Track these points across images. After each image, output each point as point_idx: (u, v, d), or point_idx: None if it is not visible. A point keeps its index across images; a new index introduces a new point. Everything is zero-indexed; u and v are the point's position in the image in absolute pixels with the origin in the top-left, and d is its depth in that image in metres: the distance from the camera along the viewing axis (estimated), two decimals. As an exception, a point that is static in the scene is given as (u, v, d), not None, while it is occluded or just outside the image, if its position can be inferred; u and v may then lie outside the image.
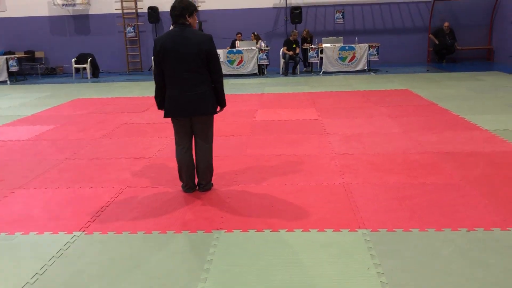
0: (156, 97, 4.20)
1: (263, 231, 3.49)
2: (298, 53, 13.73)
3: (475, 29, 15.07)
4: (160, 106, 4.22)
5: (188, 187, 4.33)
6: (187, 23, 4.00)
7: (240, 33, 14.11)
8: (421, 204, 3.87)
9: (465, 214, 3.65)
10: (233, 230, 3.52)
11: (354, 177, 4.60)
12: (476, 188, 4.20)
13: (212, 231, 3.53)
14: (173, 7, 3.98)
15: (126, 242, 3.40)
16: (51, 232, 3.60)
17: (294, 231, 3.47)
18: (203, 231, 3.53)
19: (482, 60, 15.33)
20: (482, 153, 5.26)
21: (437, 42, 14.75)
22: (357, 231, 3.44)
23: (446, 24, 14.61)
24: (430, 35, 15.01)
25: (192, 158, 4.27)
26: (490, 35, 15.13)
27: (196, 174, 4.34)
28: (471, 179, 4.43)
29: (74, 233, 3.57)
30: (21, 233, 3.61)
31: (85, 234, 3.55)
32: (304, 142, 6.02)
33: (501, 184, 4.28)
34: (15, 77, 14.23)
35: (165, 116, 4.12)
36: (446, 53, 14.88)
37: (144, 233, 3.54)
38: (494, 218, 3.58)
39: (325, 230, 3.47)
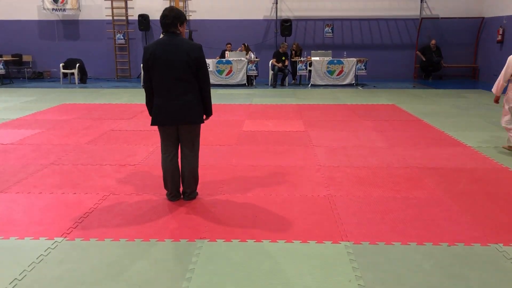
0: (147, 103, 4.21)
1: (247, 241, 3.48)
2: (287, 66, 13.83)
3: (461, 47, 15.34)
4: (151, 112, 4.23)
5: (173, 195, 4.32)
6: (178, 32, 4.03)
7: (230, 44, 14.17)
8: (403, 218, 3.91)
9: (447, 229, 3.70)
10: (216, 240, 3.51)
11: (339, 190, 4.63)
12: (458, 204, 4.25)
13: (195, 240, 3.51)
14: (164, 16, 4.00)
15: (107, 249, 3.37)
16: (32, 237, 3.55)
17: (277, 242, 3.48)
18: (186, 240, 3.52)
19: (467, 78, 15.59)
20: (465, 169, 5.33)
21: (423, 59, 14.97)
22: (340, 243, 3.46)
23: (433, 41, 14.85)
24: (417, 52, 15.24)
25: (178, 166, 4.27)
26: (475, 54, 15.40)
27: (181, 183, 4.33)
28: (453, 195, 4.49)
29: (56, 239, 3.53)
30: (1, 237, 3.56)
31: (67, 240, 3.52)
32: (290, 153, 6.05)
33: (482, 200, 4.35)
34: (1, 80, 14.08)
35: (152, 123, 4.12)
36: (432, 70, 15.10)
37: (127, 240, 3.51)
38: (475, 233, 3.63)
39: (308, 241, 3.48)
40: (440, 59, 14.86)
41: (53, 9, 15.42)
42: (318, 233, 3.62)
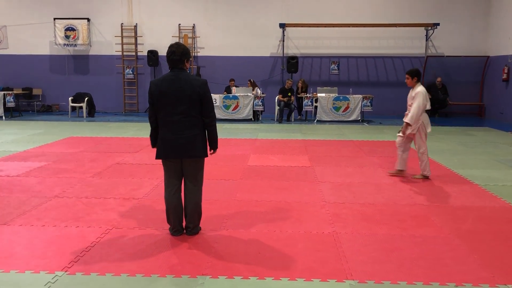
0: (150, 135, 4.25)
1: (249, 279, 3.42)
2: (292, 101, 13.95)
3: (466, 85, 15.43)
4: (153, 145, 4.25)
5: (176, 230, 4.28)
6: (184, 67, 4.11)
7: (233, 80, 14.37)
8: (409, 257, 3.84)
9: (454, 268, 3.62)
10: (219, 276, 3.45)
11: (344, 227, 4.57)
12: (465, 242, 4.17)
13: (197, 276, 3.46)
14: (172, 52, 4.07)
15: (108, 284, 3.32)
16: (33, 271, 3.51)
17: (280, 279, 3.41)
18: (188, 275, 3.46)
19: (473, 115, 15.61)
20: (472, 208, 5.26)
21: (429, 96, 15.02)
22: (344, 282, 3.39)
23: (438, 79, 14.96)
24: (423, 89, 15.32)
25: (181, 200, 4.25)
26: (481, 92, 15.48)
27: (184, 217, 4.30)
28: (460, 233, 4.41)
29: (56, 273, 3.49)
30: (2, 271, 3.52)
31: (67, 274, 3.47)
32: (295, 189, 6.01)
33: (490, 239, 4.26)
34: (11, 112, 14.29)
35: (157, 157, 4.14)
36: (438, 107, 15.15)
37: (128, 275, 3.46)
38: (483, 273, 3.54)
39: (312, 279, 3.41)
40: (446, 97, 14.94)
41: (64, 44, 15.79)
42: (323, 271, 3.55)
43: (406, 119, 6.45)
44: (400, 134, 6.60)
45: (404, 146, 6.65)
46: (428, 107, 6.52)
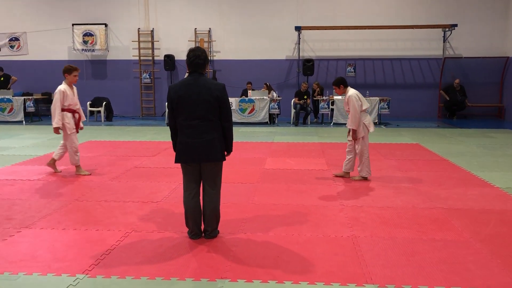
0: (172, 138, 4.30)
1: (268, 282, 3.42)
2: (308, 104, 13.92)
3: (485, 86, 15.22)
4: (175, 149, 4.28)
5: (194, 233, 4.30)
6: (204, 72, 4.15)
7: (250, 83, 14.40)
8: (430, 261, 3.79)
9: (476, 273, 3.56)
10: (238, 280, 3.46)
11: (362, 230, 4.54)
12: (487, 246, 4.11)
13: (216, 279, 3.47)
14: (197, 56, 4.09)
15: (129, 287, 3.35)
16: (54, 274, 3.56)
17: (299, 283, 3.40)
18: (207, 279, 3.48)
19: (493, 117, 15.39)
20: (493, 211, 5.18)
21: (447, 98, 14.88)
22: (364, 286, 3.36)
23: (456, 80, 14.79)
24: (441, 91, 15.17)
25: (199, 204, 4.27)
26: (501, 93, 15.25)
27: (202, 221, 4.32)
28: (482, 237, 4.35)
29: (77, 275, 3.53)
30: (24, 273, 3.58)
31: (88, 277, 3.51)
32: (312, 192, 5.99)
33: (512, 244, 4.19)
34: (31, 117, 14.53)
35: (176, 161, 4.17)
36: (456, 109, 14.98)
37: (148, 278, 3.49)
38: (506, 278, 3.48)
39: (331, 284, 3.40)
40: (464, 98, 14.76)
41: (82, 49, 16.02)
42: (342, 275, 3.53)
43: (349, 125, 6.54)
44: (350, 138, 6.67)
45: (353, 150, 6.70)
46: (365, 106, 6.53)
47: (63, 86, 7.05)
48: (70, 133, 6.98)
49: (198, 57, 4.09)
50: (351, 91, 6.55)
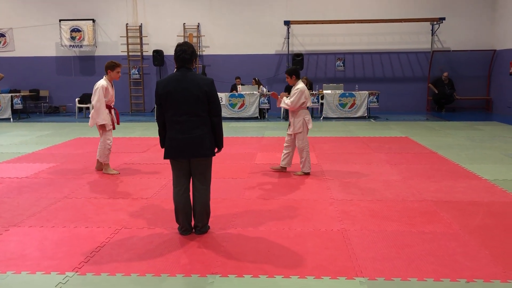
0: (159, 134, 4.27)
1: (259, 277, 3.43)
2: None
3: (473, 79, 15.34)
4: (162, 145, 4.26)
5: (185, 229, 4.29)
6: (191, 67, 4.12)
7: (239, 78, 14.36)
8: (419, 253, 3.82)
9: (465, 264, 3.60)
10: (228, 275, 3.46)
11: (352, 224, 4.56)
12: (475, 238, 4.15)
13: (207, 275, 3.47)
14: (183, 50, 4.06)
15: (119, 284, 3.34)
16: (44, 272, 3.53)
17: (290, 277, 3.41)
18: (198, 275, 3.47)
19: (481, 110, 15.52)
20: (482, 203, 5.23)
21: (436, 91, 14.98)
22: (354, 279, 3.38)
23: (445, 74, 14.89)
24: (430, 84, 15.26)
25: (189, 200, 4.26)
26: (488, 86, 15.38)
27: (192, 216, 4.31)
28: (470, 229, 4.39)
29: (67, 273, 3.51)
30: (13, 272, 3.55)
31: (78, 275, 3.49)
32: (302, 186, 6.01)
33: (501, 235, 4.24)
34: (19, 114, 14.37)
35: (165, 157, 4.15)
36: (445, 102, 15.08)
37: (138, 275, 3.48)
38: (494, 269, 3.52)
39: (322, 277, 3.41)
40: (452, 91, 14.86)
41: (70, 45, 15.86)
42: (332, 269, 3.55)
43: (282, 104, 6.79)
44: (289, 132, 6.72)
45: (292, 144, 6.72)
46: (309, 104, 6.65)
47: (104, 82, 6.94)
48: (108, 129, 6.87)
49: (185, 52, 4.06)
50: (301, 85, 6.63)
